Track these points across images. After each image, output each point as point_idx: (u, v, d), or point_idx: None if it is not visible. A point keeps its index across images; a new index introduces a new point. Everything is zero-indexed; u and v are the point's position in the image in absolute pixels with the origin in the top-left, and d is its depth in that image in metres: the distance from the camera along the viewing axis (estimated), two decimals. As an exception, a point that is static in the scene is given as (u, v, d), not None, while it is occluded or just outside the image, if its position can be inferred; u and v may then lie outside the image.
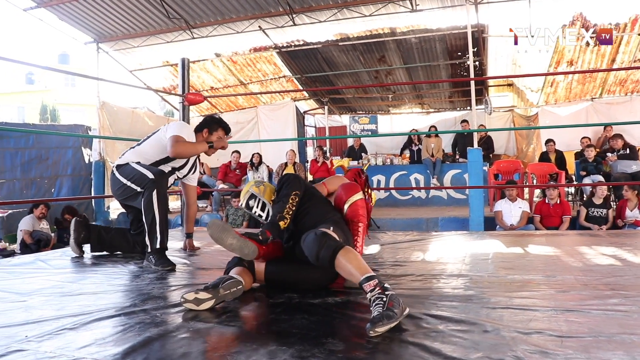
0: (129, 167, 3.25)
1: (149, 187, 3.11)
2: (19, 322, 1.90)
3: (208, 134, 3.51)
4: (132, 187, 3.20)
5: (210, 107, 13.92)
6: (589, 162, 8.44)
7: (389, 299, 1.77)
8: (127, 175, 3.23)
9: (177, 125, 3.39)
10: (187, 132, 3.35)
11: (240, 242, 2.28)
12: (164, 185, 3.21)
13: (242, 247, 2.27)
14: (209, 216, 9.22)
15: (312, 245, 2.09)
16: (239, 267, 2.32)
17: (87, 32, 10.86)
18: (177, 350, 1.58)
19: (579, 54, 10.21)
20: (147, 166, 3.24)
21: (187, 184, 3.74)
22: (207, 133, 3.50)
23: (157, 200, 3.11)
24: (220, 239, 2.27)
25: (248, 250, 2.27)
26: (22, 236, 8.14)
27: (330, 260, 2.02)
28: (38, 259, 3.43)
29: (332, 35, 11.13)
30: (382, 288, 1.83)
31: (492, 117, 12.88)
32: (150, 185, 3.11)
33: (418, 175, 10.38)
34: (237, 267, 2.33)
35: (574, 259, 3.03)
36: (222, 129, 3.58)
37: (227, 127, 3.65)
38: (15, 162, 10.36)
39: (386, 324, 1.68)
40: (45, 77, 34.08)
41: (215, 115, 3.94)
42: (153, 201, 3.10)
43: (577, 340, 1.59)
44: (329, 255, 2.02)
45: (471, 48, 8.53)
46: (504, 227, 7.15)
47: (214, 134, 3.52)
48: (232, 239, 2.27)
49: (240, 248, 2.27)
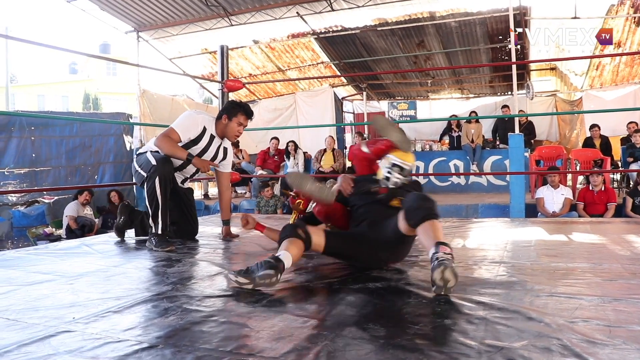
0: (144, 155, 3.34)
1: (152, 173, 3.18)
2: (67, 304, 1.96)
3: (227, 120, 3.47)
4: (141, 173, 3.29)
5: (248, 94, 13.98)
6: (637, 147, 8.16)
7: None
8: (139, 162, 3.35)
9: (183, 116, 3.45)
10: (188, 124, 3.38)
11: (319, 186, 2.57)
12: (167, 171, 3.24)
13: (322, 190, 2.55)
14: (247, 202, 9.31)
15: (420, 199, 2.20)
16: (291, 239, 2.28)
17: (127, 21, 11.02)
18: (218, 334, 1.60)
19: (627, 34, 9.83)
20: (156, 153, 3.29)
21: (218, 171, 3.72)
22: (226, 119, 3.48)
23: (160, 187, 3.17)
24: (300, 185, 2.57)
25: (327, 192, 2.55)
26: (68, 222, 8.39)
27: (425, 217, 2.12)
28: (83, 243, 3.52)
29: (370, 20, 11.00)
30: (452, 257, 1.96)
31: (534, 102, 12.57)
32: (153, 172, 3.18)
33: (457, 161, 10.23)
34: (290, 237, 2.29)
35: (621, 247, 2.94)
36: (242, 113, 3.50)
37: (248, 110, 3.55)
38: (60, 150, 10.64)
39: (449, 269, 1.86)
40: (88, 67, 34.85)
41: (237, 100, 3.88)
42: (156, 187, 3.17)
43: (626, 331, 1.54)
44: (428, 214, 2.13)
45: (513, 31, 8.31)
46: (546, 214, 7.00)
47: (234, 119, 3.48)
48: (311, 185, 2.56)
49: (319, 190, 2.55)
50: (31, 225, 9.46)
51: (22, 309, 1.91)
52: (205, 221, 4.58)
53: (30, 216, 9.67)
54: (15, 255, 3.15)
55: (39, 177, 10.30)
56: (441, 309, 1.81)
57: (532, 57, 11.24)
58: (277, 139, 10.50)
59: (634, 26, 9.40)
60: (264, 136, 11.75)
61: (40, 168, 10.33)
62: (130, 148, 11.47)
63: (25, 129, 10.16)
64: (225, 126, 3.47)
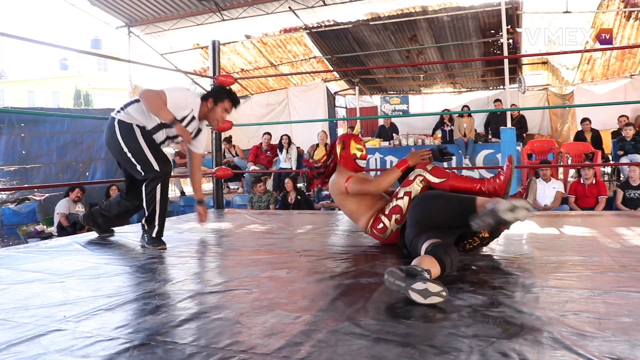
0: (134, 139, 3.10)
1: (154, 179, 3.08)
2: (58, 303, 1.95)
3: (213, 104, 3.32)
4: (131, 160, 3.10)
5: (241, 89, 13.94)
6: (627, 141, 8.21)
7: None
8: (130, 148, 3.10)
9: (178, 89, 3.26)
10: (181, 103, 3.17)
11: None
12: (168, 176, 3.16)
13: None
14: (240, 198, 9.30)
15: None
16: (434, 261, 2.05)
17: (118, 16, 10.96)
18: (210, 331, 1.60)
19: (618, 29, 9.88)
20: (151, 145, 3.12)
21: (192, 151, 3.56)
22: (211, 103, 3.32)
23: (160, 194, 3.10)
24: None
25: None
26: (59, 219, 8.34)
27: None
28: (75, 241, 3.50)
29: (362, 14, 10.99)
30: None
31: (525, 96, 12.60)
32: (155, 177, 3.07)
33: (450, 155, 10.23)
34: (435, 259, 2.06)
35: (611, 240, 2.96)
36: (229, 100, 3.38)
37: (235, 99, 3.44)
38: (51, 146, 10.56)
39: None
40: (79, 63, 34.65)
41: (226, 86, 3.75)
42: (156, 194, 3.09)
43: (616, 323, 1.56)
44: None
45: (505, 25, 8.33)
46: (538, 207, 7.03)
47: (220, 104, 3.33)
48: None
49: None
50: (22, 222, 9.39)
51: (12, 308, 1.90)
52: (191, 220, 4.56)
53: (20, 214, 9.60)
54: (5, 253, 3.13)
55: (29, 174, 10.22)
56: (432, 303, 1.81)
57: (524, 52, 11.26)
58: (269, 134, 10.49)
59: (625, 20, 9.44)
60: (256, 131, 11.75)
61: (30, 165, 10.25)
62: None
63: (15, 125, 10.06)
64: (209, 110, 3.33)
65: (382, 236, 2.85)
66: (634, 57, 10.94)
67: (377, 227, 2.85)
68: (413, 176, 2.72)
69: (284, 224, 4.18)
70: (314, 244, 3.19)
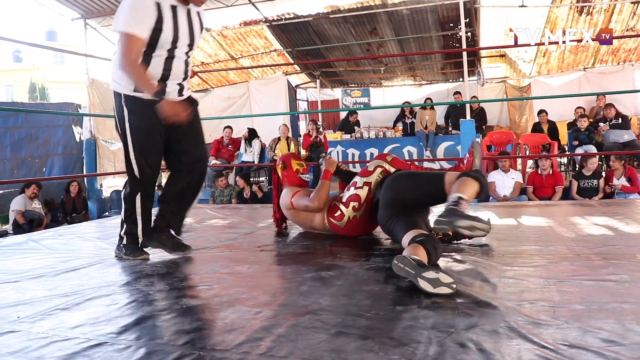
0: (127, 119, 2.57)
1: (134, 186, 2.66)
2: (11, 303, 1.90)
3: None
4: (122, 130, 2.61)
5: (201, 83, 13.77)
6: (581, 131, 8.43)
7: None
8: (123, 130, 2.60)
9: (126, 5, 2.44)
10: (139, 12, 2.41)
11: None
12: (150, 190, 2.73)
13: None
14: (202, 192, 9.19)
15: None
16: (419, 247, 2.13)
17: (74, 7, 10.64)
18: (169, 328, 1.58)
19: (571, 23, 10.12)
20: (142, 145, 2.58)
21: None
22: None
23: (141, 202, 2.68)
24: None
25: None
26: (15, 216, 8.11)
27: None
28: (30, 239, 3.41)
29: (322, 7, 10.96)
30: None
31: (484, 88, 12.82)
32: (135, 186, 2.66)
33: (411, 147, 10.35)
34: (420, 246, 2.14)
35: (566, 229, 3.04)
36: None
37: None
38: (5, 141, 10.22)
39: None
40: (34, 55, 33.60)
41: None
42: (136, 203, 2.67)
43: (569, 310, 1.60)
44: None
45: (463, 19, 8.44)
46: (497, 198, 7.17)
47: None
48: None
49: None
50: (-25, 221, 9.12)
51: (-38, 310, 1.83)
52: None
53: (-27, 212, 9.31)
54: (-44, 253, 3.02)
55: (-18, 171, 9.91)
56: (393, 296, 1.83)
57: (482, 45, 11.43)
58: (230, 128, 10.39)
59: (577, 15, 9.68)
60: (217, 125, 11.59)
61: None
62: (80, 139, 11.12)
63: (-34, 120, 9.74)
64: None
65: (340, 224, 2.89)
66: (587, 51, 11.24)
67: (334, 214, 2.89)
68: (373, 167, 2.78)
69: (246, 218, 4.17)
70: (275, 239, 3.18)
